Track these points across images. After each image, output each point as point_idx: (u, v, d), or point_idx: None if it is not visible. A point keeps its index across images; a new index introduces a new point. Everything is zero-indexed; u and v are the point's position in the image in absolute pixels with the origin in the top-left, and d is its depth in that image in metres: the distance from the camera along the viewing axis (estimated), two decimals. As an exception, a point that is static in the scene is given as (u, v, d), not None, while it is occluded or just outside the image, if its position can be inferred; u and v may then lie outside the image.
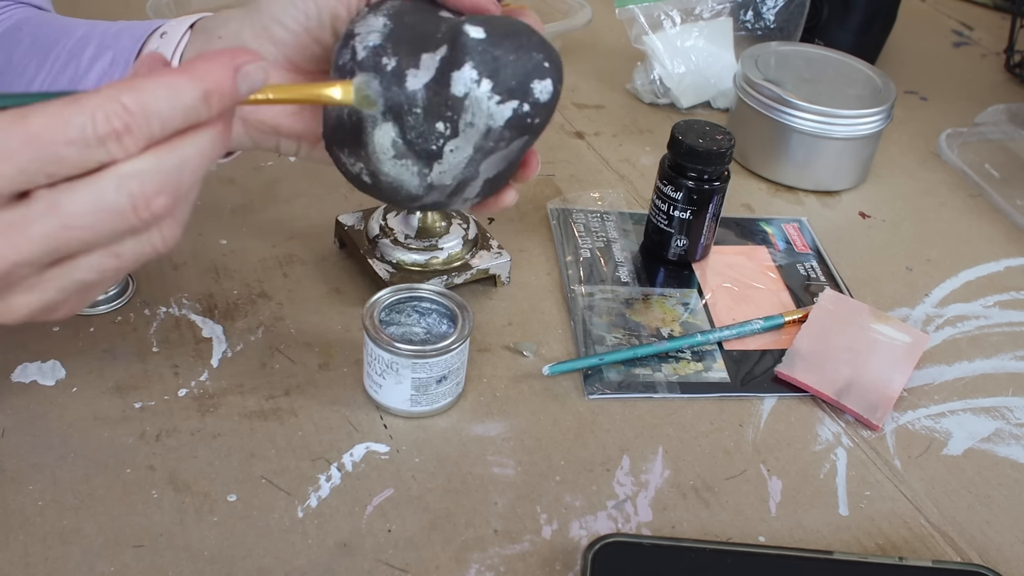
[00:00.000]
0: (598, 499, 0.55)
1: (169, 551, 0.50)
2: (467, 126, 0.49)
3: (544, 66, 0.49)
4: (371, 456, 0.56)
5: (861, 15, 1.00)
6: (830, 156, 0.83)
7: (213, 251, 0.70)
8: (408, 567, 0.50)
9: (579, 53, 1.02)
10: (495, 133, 0.49)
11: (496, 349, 0.64)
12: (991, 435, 0.62)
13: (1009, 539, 0.55)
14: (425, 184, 0.51)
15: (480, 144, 0.50)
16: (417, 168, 0.51)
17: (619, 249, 0.74)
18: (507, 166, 0.53)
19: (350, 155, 0.52)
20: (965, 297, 0.74)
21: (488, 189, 0.54)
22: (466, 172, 0.51)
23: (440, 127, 0.49)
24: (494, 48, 0.48)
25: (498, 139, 0.50)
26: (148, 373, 0.60)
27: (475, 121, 0.49)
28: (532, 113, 0.49)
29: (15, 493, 0.52)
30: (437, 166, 0.51)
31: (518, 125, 0.49)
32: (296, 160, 0.81)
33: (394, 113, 0.49)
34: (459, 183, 0.52)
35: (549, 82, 0.49)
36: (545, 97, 0.49)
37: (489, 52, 0.48)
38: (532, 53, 0.48)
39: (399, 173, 0.51)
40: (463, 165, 0.51)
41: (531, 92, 0.48)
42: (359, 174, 0.53)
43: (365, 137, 0.51)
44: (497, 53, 0.48)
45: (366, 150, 0.51)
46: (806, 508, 0.56)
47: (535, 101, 0.49)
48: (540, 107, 0.49)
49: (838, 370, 0.64)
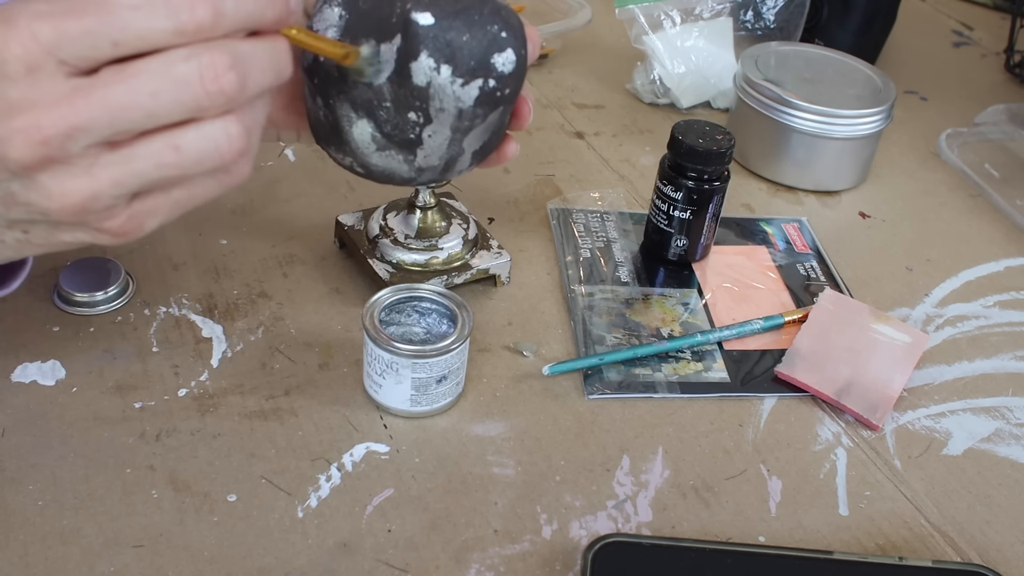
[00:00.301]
0: (598, 499, 0.55)
1: (169, 551, 0.50)
2: (438, 111, 0.49)
3: (501, 37, 0.48)
4: (371, 456, 0.56)
5: (861, 15, 1.00)
6: (830, 156, 0.83)
7: (213, 251, 0.70)
8: (408, 567, 0.50)
9: (579, 53, 1.02)
10: (467, 113, 0.49)
11: (496, 349, 0.64)
12: (991, 435, 0.62)
13: (1009, 539, 0.55)
14: (415, 168, 0.52)
15: (456, 125, 0.50)
16: (402, 156, 0.51)
17: (619, 249, 0.74)
18: (491, 135, 0.53)
19: (337, 151, 0.53)
20: (965, 297, 0.74)
21: (479, 158, 0.54)
22: (450, 151, 0.51)
23: (412, 116, 0.49)
24: (445, 31, 0.47)
25: (472, 117, 0.49)
26: (148, 373, 0.60)
27: (444, 106, 0.48)
28: (499, 87, 0.49)
29: (15, 493, 0.52)
30: (420, 151, 0.51)
31: (488, 101, 0.49)
32: (296, 160, 0.81)
33: (366, 110, 0.49)
34: (447, 161, 0.52)
35: (510, 51, 0.48)
36: (509, 68, 0.48)
37: (442, 37, 0.47)
38: (486, 27, 0.48)
39: (387, 163, 0.52)
40: (445, 146, 0.51)
41: (493, 67, 0.48)
42: (351, 166, 0.53)
43: (345, 136, 0.51)
44: (450, 36, 0.47)
45: (350, 146, 0.52)
46: (806, 508, 0.56)
47: (500, 75, 0.48)
48: (506, 78, 0.49)
49: (838, 370, 0.64)
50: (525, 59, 0.49)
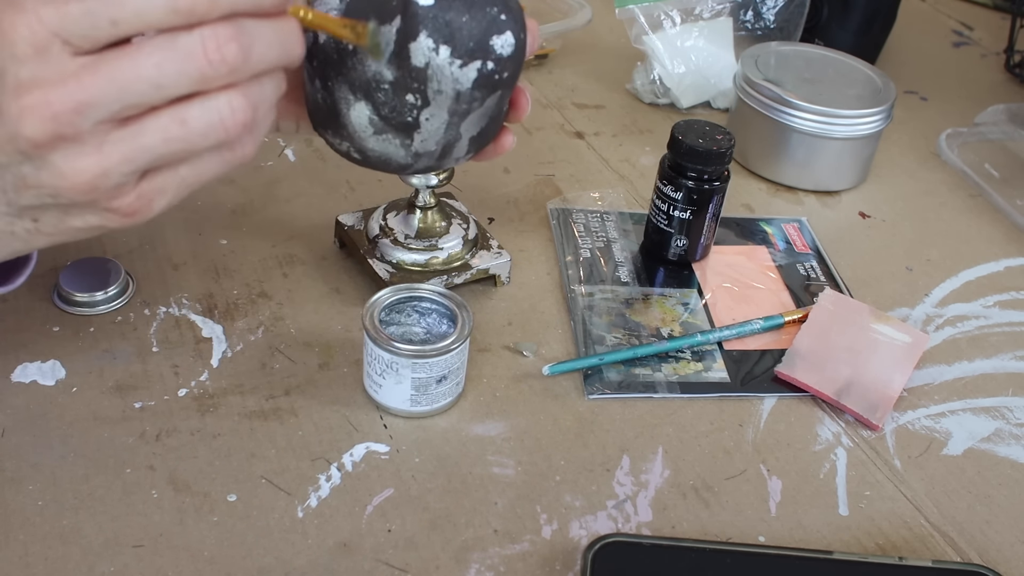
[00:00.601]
0: (598, 499, 0.55)
1: (169, 551, 0.50)
2: (436, 94, 0.49)
3: (501, 19, 0.48)
4: (371, 456, 0.56)
5: (861, 15, 1.00)
6: (830, 156, 0.83)
7: (213, 251, 0.70)
8: (408, 567, 0.50)
9: (579, 53, 1.02)
10: (465, 95, 0.49)
11: (496, 349, 0.64)
12: (991, 435, 0.62)
13: (1009, 539, 0.55)
14: (411, 153, 0.52)
15: (453, 108, 0.50)
16: (399, 140, 0.51)
17: (619, 249, 0.74)
18: (489, 121, 0.53)
19: (335, 136, 0.53)
20: (965, 297, 0.74)
21: (476, 145, 0.54)
22: (447, 136, 0.51)
23: (411, 99, 0.49)
24: (445, 12, 0.47)
25: (470, 100, 0.49)
26: (148, 373, 0.60)
27: (442, 88, 0.48)
28: (497, 69, 0.48)
29: (15, 493, 0.52)
30: (417, 135, 0.51)
31: (486, 83, 0.49)
32: (296, 160, 0.81)
33: (364, 92, 0.49)
34: (444, 147, 0.52)
35: (509, 34, 0.48)
36: (508, 51, 0.48)
37: (441, 17, 0.47)
38: (485, 9, 0.48)
39: (384, 148, 0.52)
40: (443, 130, 0.51)
41: (492, 49, 0.48)
42: (348, 151, 0.53)
43: (343, 119, 0.51)
44: (449, 17, 0.47)
45: (347, 130, 0.51)
46: (806, 508, 0.56)
47: (498, 57, 0.48)
48: (505, 61, 0.49)
49: (838, 370, 0.64)
50: (524, 43, 0.49)
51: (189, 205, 0.74)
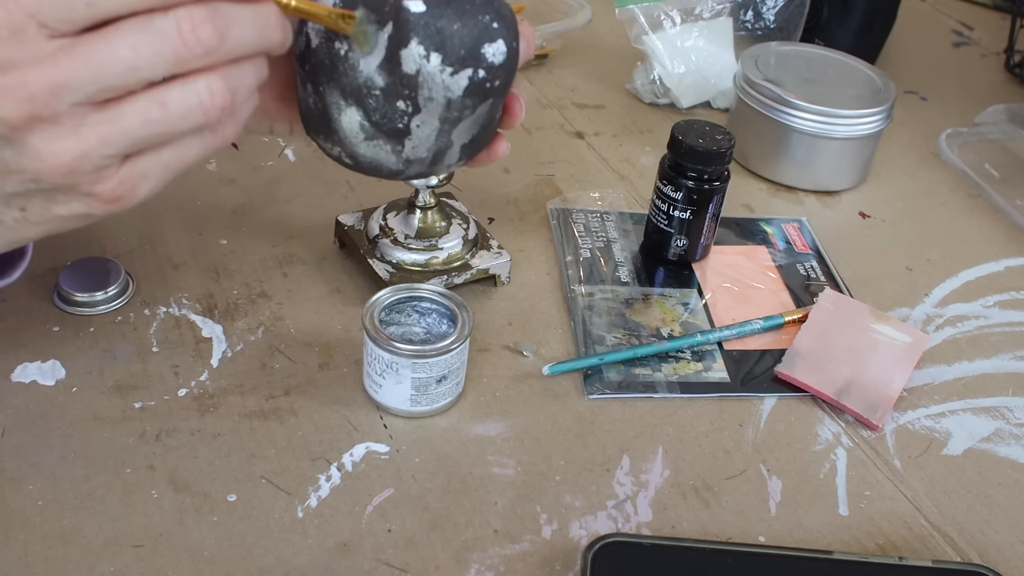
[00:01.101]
0: (598, 499, 0.55)
1: (169, 551, 0.50)
2: (427, 101, 0.49)
3: (493, 27, 0.48)
4: (371, 456, 0.56)
5: (861, 15, 1.00)
6: (830, 156, 0.83)
7: (213, 251, 0.70)
8: (408, 567, 0.50)
9: (579, 53, 1.02)
10: (456, 103, 0.49)
11: (496, 349, 0.64)
12: (991, 435, 0.62)
13: (1009, 539, 0.55)
14: (402, 160, 0.52)
15: (444, 115, 0.50)
16: (390, 147, 0.51)
17: (619, 249, 0.74)
18: (481, 129, 0.53)
19: (326, 140, 0.53)
20: (965, 297, 0.74)
21: (467, 153, 0.54)
22: (439, 143, 0.51)
23: (401, 105, 0.49)
24: (437, 19, 0.47)
25: (461, 108, 0.49)
26: (148, 373, 0.60)
27: (433, 95, 0.48)
28: (489, 77, 0.48)
29: (15, 493, 0.52)
30: (408, 142, 0.51)
31: (477, 91, 0.49)
32: (296, 160, 0.81)
33: (355, 97, 0.49)
34: (435, 154, 0.52)
35: (501, 43, 0.48)
36: (499, 59, 0.48)
37: (432, 24, 0.47)
38: (477, 17, 0.48)
39: (375, 153, 0.52)
40: (434, 137, 0.51)
41: (483, 57, 0.48)
42: (339, 156, 0.53)
43: (334, 124, 0.51)
44: (441, 24, 0.47)
45: (338, 136, 0.51)
46: (806, 508, 0.56)
47: (490, 65, 0.48)
48: (496, 69, 0.48)
49: (838, 370, 0.64)
50: (517, 52, 0.49)
51: (189, 205, 0.74)
